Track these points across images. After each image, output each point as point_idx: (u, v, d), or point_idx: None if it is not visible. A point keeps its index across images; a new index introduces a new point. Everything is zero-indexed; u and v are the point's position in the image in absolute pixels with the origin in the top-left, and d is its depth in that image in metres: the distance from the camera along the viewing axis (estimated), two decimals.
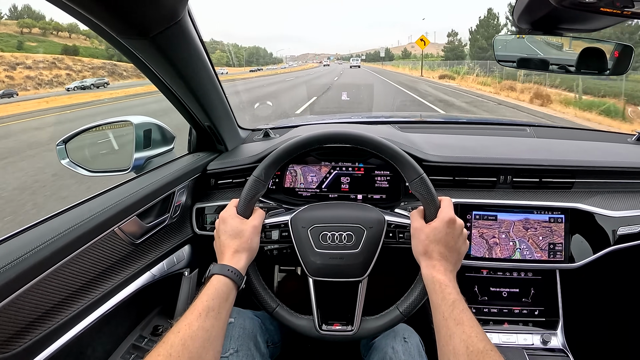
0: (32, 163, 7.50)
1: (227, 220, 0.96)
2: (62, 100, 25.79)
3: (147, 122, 1.31)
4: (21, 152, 8.64)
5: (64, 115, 16.08)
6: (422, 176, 0.95)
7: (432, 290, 0.85)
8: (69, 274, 0.85)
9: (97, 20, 0.76)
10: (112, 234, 0.97)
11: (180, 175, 1.23)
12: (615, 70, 1.18)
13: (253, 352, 1.01)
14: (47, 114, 17.43)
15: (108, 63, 74.97)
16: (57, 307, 0.83)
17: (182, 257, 1.26)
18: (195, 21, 0.98)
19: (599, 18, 0.97)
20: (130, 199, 1.03)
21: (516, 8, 1.06)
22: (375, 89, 20.24)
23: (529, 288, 1.31)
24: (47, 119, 15.18)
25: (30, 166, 7.23)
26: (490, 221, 1.26)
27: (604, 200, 1.30)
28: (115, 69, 72.93)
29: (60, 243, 0.83)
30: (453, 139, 1.58)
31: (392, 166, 1.00)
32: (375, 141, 1.00)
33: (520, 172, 1.32)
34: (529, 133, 1.69)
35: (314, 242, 1.00)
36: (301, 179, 1.37)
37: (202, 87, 1.16)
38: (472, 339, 0.73)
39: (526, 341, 1.26)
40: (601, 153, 1.45)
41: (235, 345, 0.99)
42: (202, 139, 1.46)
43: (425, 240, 0.90)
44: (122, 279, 1.01)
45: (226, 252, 0.91)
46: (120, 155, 1.34)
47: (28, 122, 14.44)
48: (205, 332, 0.75)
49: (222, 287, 0.84)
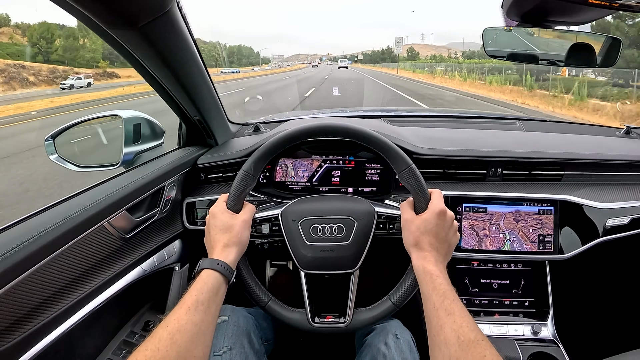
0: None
1: (217, 215, 0.95)
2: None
3: (136, 117, 1.30)
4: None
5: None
6: (411, 167, 0.95)
7: (422, 281, 0.85)
8: (57, 269, 0.84)
9: (84, 10, 0.75)
10: (101, 229, 0.96)
11: (170, 170, 1.23)
12: (604, 63, 1.19)
13: (247, 349, 1.01)
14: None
15: (12, 65, 50.77)
16: (46, 302, 0.82)
17: (173, 252, 1.25)
18: (185, 13, 0.97)
19: (588, 10, 0.97)
20: (119, 193, 1.03)
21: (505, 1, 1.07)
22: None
23: (519, 279, 1.33)
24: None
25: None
26: (480, 213, 1.27)
27: (592, 192, 1.32)
28: (17, 73, 48.41)
29: (49, 238, 0.82)
30: (443, 132, 1.59)
31: (382, 159, 1.00)
32: (364, 133, 1.00)
33: (510, 164, 1.33)
34: (518, 127, 1.71)
35: (304, 235, 1.00)
36: (292, 173, 1.37)
37: (192, 80, 1.15)
38: (463, 328, 0.73)
39: (517, 332, 1.27)
40: (590, 146, 1.47)
41: (229, 343, 0.99)
42: (192, 133, 1.45)
43: (415, 232, 0.90)
44: (112, 274, 1.00)
45: (216, 247, 0.91)
46: (109, 150, 1.33)
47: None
48: (194, 326, 0.74)
49: (212, 282, 0.83)
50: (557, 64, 1.25)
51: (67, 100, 22.33)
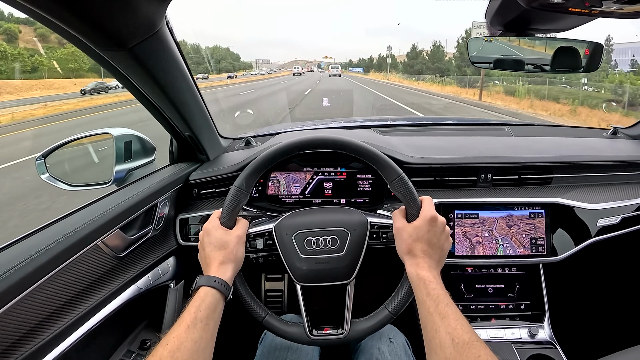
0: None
1: (211, 231, 0.95)
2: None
3: (127, 134, 1.30)
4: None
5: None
6: (401, 176, 0.96)
7: (416, 287, 0.86)
8: (52, 291, 0.83)
9: (74, 31, 0.76)
10: (95, 248, 0.95)
11: (162, 187, 1.22)
12: (588, 67, 1.21)
13: None
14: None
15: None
16: (42, 324, 0.82)
17: (168, 269, 1.25)
18: (174, 32, 0.98)
19: (568, 18, 1.00)
20: (112, 212, 1.02)
21: (488, 11, 1.09)
22: None
23: (514, 283, 1.34)
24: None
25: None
26: (472, 219, 1.28)
27: (582, 193, 1.34)
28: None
29: (43, 259, 0.81)
30: (432, 141, 1.60)
31: (374, 169, 1.01)
32: (354, 144, 1.01)
33: (500, 169, 1.35)
34: (507, 132, 1.73)
35: (299, 248, 1.01)
36: (284, 186, 1.37)
37: (182, 97, 1.15)
38: (458, 330, 0.74)
39: (514, 335, 1.28)
40: (578, 148, 1.49)
41: None
42: (184, 149, 1.45)
43: (408, 239, 0.91)
44: (107, 294, 0.99)
45: (212, 264, 0.91)
46: (101, 169, 1.32)
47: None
48: (193, 343, 0.75)
49: (210, 299, 0.83)
50: (543, 69, 1.27)
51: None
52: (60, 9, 0.67)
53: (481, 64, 1.29)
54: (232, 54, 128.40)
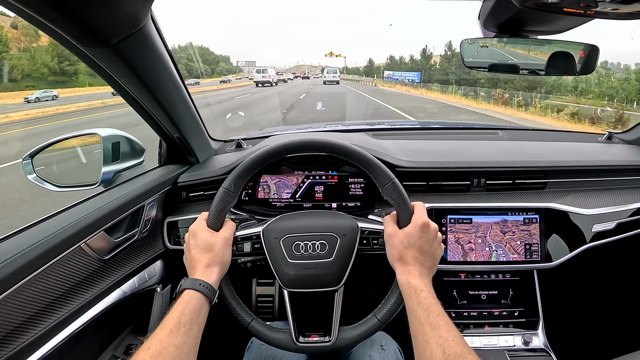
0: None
1: (197, 233, 0.93)
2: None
3: (115, 135, 1.28)
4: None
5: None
6: (393, 181, 0.94)
7: (407, 295, 0.84)
8: (33, 293, 0.81)
9: (55, 27, 0.74)
10: (79, 250, 0.93)
11: (149, 189, 1.20)
12: (583, 70, 1.20)
13: None
14: None
15: None
16: (21, 327, 0.80)
17: (154, 273, 1.22)
18: (160, 28, 0.96)
19: (563, 19, 0.98)
20: (96, 213, 1.00)
21: (482, 12, 1.07)
22: None
23: (508, 289, 1.32)
24: None
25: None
26: (465, 225, 1.26)
27: (577, 198, 1.32)
28: None
29: (23, 260, 0.79)
30: (425, 144, 1.59)
31: (365, 173, 0.99)
32: (344, 147, 0.99)
33: (493, 174, 1.33)
34: (500, 136, 1.71)
35: (286, 252, 0.98)
36: (274, 190, 1.35)
37: (169, 97, 1.13)
38: (449, 342, 0.72)
39: (507, 343, 1.26)
40: (573, 153, 1.48)
41: None
42: (173, 151, 1.42)
43: (399, 246, 0.88)
44: (90, 297, 0.97)
45: (197, 267, 0.89)
46: (88, 169, 1.30)
47: None
48: (176, 348, 0.73)
49: (194, 302, 0.82)
50: (537, 73, 1.26)
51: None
52: (38, 1, 0.64)
53: (475, 67, 1.28)
54: (214, 56, 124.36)
